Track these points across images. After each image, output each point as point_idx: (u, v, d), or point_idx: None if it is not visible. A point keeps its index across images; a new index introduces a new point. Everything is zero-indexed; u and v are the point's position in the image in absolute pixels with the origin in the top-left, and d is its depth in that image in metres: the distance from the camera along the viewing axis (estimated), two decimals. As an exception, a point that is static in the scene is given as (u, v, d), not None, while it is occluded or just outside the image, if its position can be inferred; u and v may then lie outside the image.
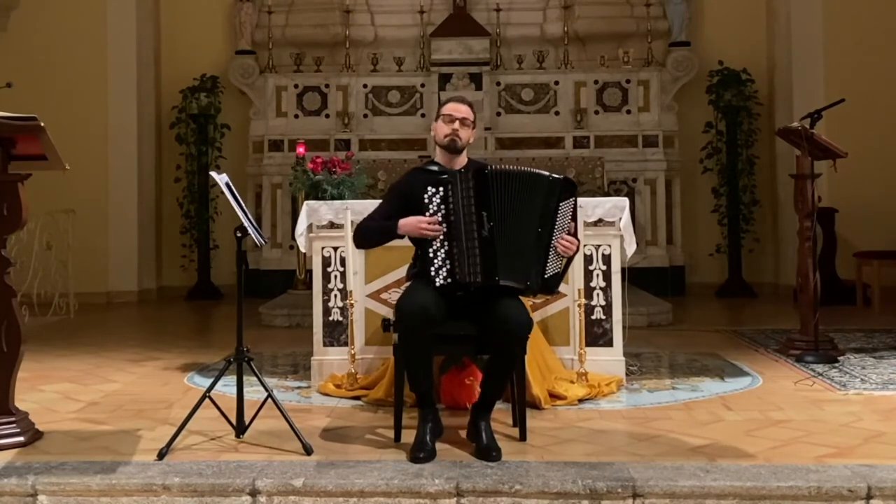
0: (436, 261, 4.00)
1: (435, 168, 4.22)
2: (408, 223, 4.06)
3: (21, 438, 4.09)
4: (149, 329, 8.59)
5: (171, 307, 9.95)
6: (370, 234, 4.29)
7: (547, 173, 4.05)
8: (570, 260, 4.13)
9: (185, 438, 4.10)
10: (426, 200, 4.02)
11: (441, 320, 3.98)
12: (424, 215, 4.02)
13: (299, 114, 10.72)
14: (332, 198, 7.76)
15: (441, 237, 4.00)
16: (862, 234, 9.47)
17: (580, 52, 10.88)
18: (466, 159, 4.30)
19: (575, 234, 4.11)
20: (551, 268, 4.02)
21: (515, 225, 3.98)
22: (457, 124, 4.21)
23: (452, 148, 4.22)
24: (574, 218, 4.09)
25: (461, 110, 4.25)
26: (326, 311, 5.44)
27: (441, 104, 4.39)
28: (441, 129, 4.25)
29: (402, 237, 4.19)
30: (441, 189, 4.01)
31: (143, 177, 10.45)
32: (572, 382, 5.02)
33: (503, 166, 4.09)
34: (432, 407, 4.04)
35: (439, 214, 4.01)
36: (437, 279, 3.99)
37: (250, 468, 3.70)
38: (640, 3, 10.69)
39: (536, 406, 4.68)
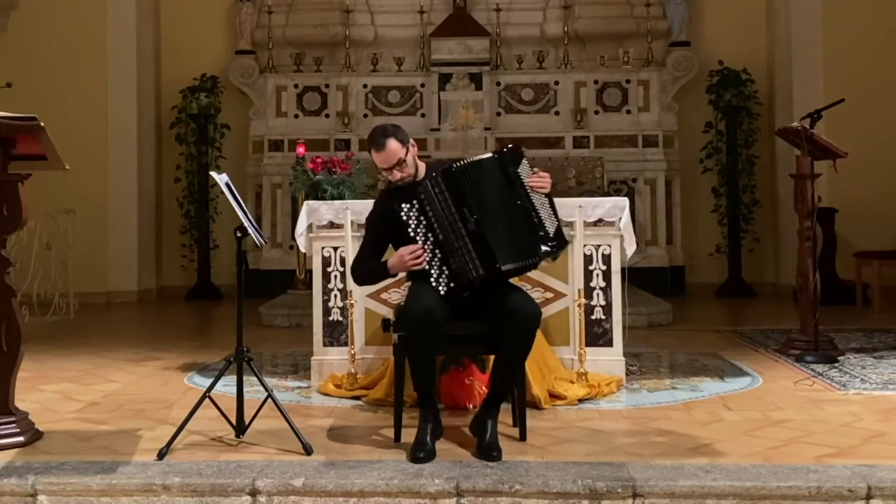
0: (433, 272, 4.02)
1: (400, 183, 4.19)
2: (395, 264, 4.10)
3: (21, 438, 4.10)
4: (149, 329, 8.59)
5: (171, 307, 9.96)
6: (366, 277, 4.30)
7: (489, 154, 4.15)
8: (552, 203, 4.14)
9: (185, 438, 4.10)
10: (404, 217, 4.04)
11: (446, 321, 3.99)
12: (407, 233, 4.04)
13: (299, 114, 10.72)
14: (332, 198, 7.76)
15: (430, 247, 4.02)
16: (862, 234, 9.47)
17: (580, 52, 10.87)
18: (424, 166, 4.26)
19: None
20: (549, 224, 4.05)
21: (497, 208, 4.00)
22: (395, 172, 4.14)
23: (409, 183, 4.15)
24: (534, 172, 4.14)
25: (387, 158, 4.10)
26: (326, 311, 5.44)
27: (369, 150, 4.25)
28: (389, 176, 4.19)
29: (395, 276, 4.24)
30: (416, 202, 4.04)
31: (143, 177, 10.44)
32: (572, 382, 5.02)
33: (462, 161, 4.11)
34: (433, 407, 4.05)
35: (421, 227, 4.03)
36: (441, 288, 4.00)
37: (250, 468, 3.70)
38: (640, 3, 10.68)
39: (536, 406, 4.69)
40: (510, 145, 4.18)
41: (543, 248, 4.03)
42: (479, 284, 3.99)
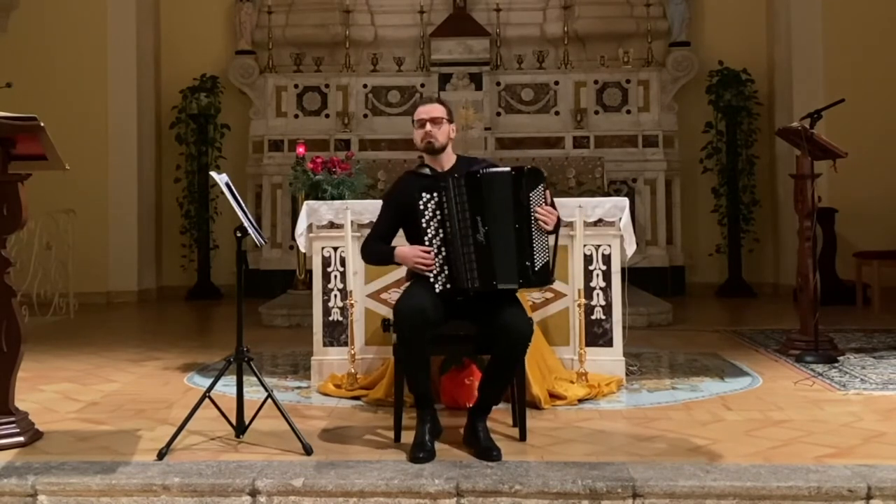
0: (434, 268, 4.02)
1: (426, 171, 4.22)
2: (405, 256, 4.11)
3: (21, 438, 4.09)
4: (149, 329, 8.59)
5: (171, 307, 9.96)
6: (373, 256, 4.36)
7: (508, 169, 4.05)
8: (555, 239, 4.09)
9: (185, 438, 4.10)
10: (421, 207, 4.04)
11: (439, 321, 3.99)
12: (420, 222, 4.04)
13: (299, 114, 10.72)
14: (332, 198, 7.76)
15: (438, 244, 4.02)
16: (862, 234, 9.48)
17: (580, 52, 10.88)
18: (455, 157, 4.28)
19: (552, 206, 4.09)
20: (539, 258, 4.00)
21: (504, 225, 3.98)
22: (428, 126, 4.20)
23: (430, 150, 4.23)
24: (547, 202, 4.05)
25: (430, 111, 4.23)
26: (326, 311, 5.44)
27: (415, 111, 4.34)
28: (417, 136, 4.26)
29: (399, 265, 4.25)
30: (435, 195, 4.03)
31: (143, 177, 10.45)
32: (572, 382, 5.02)
33: (493, 168, 4.09)
34: (430, 407, 4.04)
35: (435, 220, 4.02)
36: (437, 285, 4.01)
37: (250, 468, 3.70)
38: (640, 3, 10.68)
39: (536, 406, 4.68)
40: (530, 167, 4.12)
41: (521, 279, 3.97)
42: (472, 295, 3.99)
